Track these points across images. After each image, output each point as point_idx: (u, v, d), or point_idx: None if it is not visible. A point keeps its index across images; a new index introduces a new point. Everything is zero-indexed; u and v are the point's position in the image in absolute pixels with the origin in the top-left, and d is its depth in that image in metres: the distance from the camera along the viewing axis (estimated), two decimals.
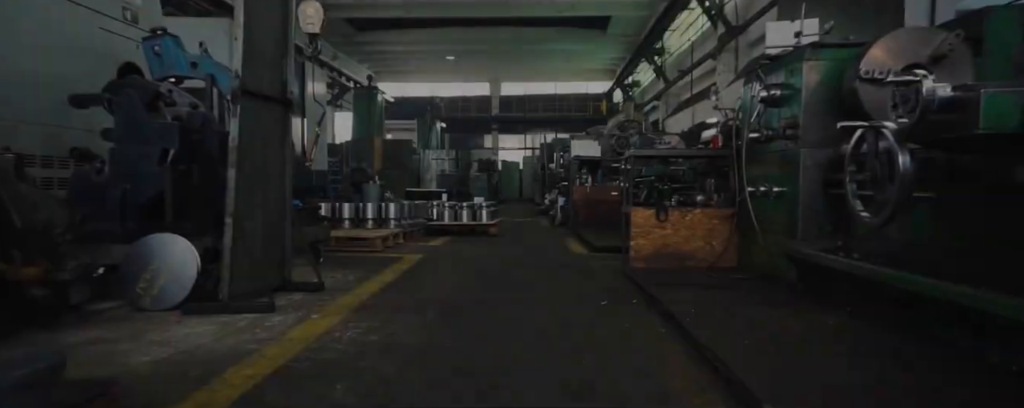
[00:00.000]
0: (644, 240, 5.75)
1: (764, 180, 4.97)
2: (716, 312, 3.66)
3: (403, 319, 3.73)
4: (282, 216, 4.54)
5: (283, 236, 4.55)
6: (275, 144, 4.43)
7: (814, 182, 4.36)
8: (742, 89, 5.71)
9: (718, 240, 5.71)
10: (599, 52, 29.33)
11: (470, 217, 10.08)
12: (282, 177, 4.54)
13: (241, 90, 3.83)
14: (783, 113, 4.71)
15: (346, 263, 6.14)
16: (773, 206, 4.84)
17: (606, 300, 4.37)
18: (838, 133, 4.27)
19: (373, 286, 4.87)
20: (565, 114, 34.53)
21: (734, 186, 5.69)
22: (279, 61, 4.45)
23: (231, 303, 3.76)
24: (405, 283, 5.08)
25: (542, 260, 6.69)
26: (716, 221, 5.72)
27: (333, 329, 3.47)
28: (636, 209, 5.78)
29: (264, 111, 4.24)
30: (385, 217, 8.48)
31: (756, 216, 4.98)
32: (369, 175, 18.91)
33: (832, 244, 4.23)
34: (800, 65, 4.42)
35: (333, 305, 4.11)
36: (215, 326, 3.47)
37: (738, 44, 15.60)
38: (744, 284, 4.65)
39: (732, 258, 5.68)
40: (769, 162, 4.96)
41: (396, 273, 5.56)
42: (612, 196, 11.02)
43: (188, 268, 3.84)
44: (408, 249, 7.50)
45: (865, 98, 3.87)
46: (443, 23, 24.99)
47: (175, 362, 2.81)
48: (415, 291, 4.71)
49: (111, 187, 4.12)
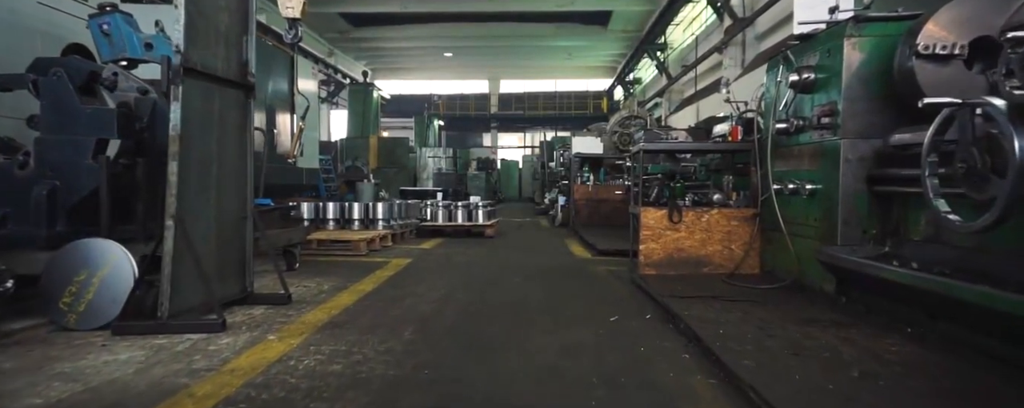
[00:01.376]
0: (655, 244, 5.15)
1: (793, 176, 4.38)
2: (749, 332, 3.07)
3: (376, 342, 3.13)
4: (242, 218, 3.94)
5: (243, 241, 3.95)
6: (233, 134, 3.83)
7: (856, 178, 3.76)
8: (764, 76, 5.11)
9: (738, 244, 5.11)
10: (600, 48, 28.74)
11: (465, 218, 9.48)
12: (242, 173, 3.94)
13: (184, 67, 3.23)
14: (817, 100, 4.12)
15: (324, 269, 5.55)
16: (805, 206, 4.24)
17: (616, 315, 3.77)
18: (885, 120, 3.70)
19: (348, 298, 4.26)
20: (565, 112, 33.96)
21: (756, 183, 5.11)
22: (238, 38, 3.85)
23: (171, 322, 3.16)
24: (385, 293, 4.48)
25: (541, 266, 6.10)
26: (735, 223, 5.13)
27: (289, 355, 2.87)
28: (646, 209, 5.19)
29: (218, 95, 3.64)
30: (373, 217, 7.88)
31: (783, 217, 4.39)
32: (364, 173, 18.38)
33: (878, 250, 3.64)
34: (839, 43, 3.82)
35: (297, 322, 3.51)
36: (146, 351, 2.87)
37: (745, 37, 15.02)
38: (773, 296, 4.05)
39: (754, 264, 5.08)
40: (800, 156, 4.36)
41: (377, 281, 4.96)
42: (615, 195, 10.46)
43: (123, 279, 3.24)
44: (396, 252, 6.89)
45: (924, 79, 3.27)
46: (441, 18, 24.37)
47: (72, 405, 2.21)
48: (395, 304, 4.11)
49: (36, 183, 3.51)
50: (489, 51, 29.28)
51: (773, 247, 4.80)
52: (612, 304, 4.13)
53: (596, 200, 10.70)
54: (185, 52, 3.23)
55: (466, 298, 4.35)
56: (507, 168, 28.60)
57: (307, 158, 11.97)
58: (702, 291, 4.18)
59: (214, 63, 3.58)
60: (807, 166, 4.24)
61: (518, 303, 4.24)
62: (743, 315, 3.44)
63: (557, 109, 34.33)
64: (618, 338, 3.27)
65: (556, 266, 6.06)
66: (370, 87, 25.30)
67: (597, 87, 34.14)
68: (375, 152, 20.94)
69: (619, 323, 3.59)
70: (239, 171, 3.91)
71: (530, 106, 34.76)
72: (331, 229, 7.67)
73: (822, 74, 4.07)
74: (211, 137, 3.61)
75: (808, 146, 4.23)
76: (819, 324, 3.23)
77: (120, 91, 4.13)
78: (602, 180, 11.24)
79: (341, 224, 7.86)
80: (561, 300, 4.37)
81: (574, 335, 3.32)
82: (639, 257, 5.15)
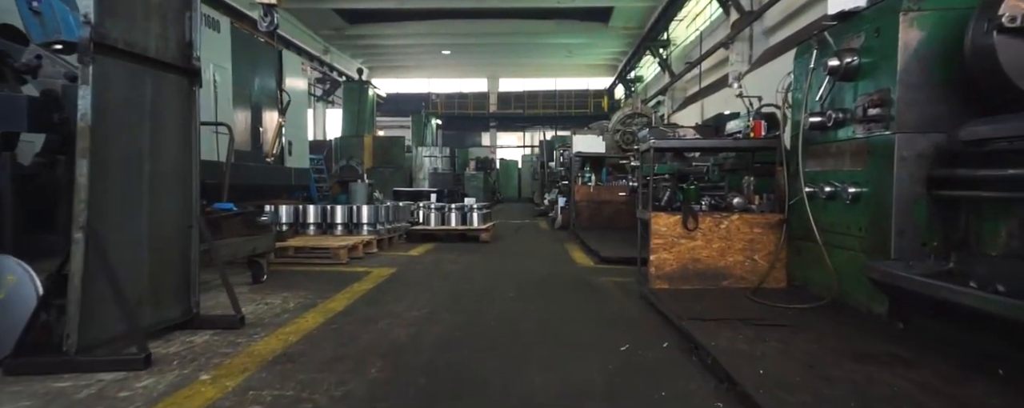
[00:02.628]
0: (667, 254, 4.55)
1: (831, 178, 3.78)
2: (796, 372, 2.46)
3: (333, 383, 2.52)
4: (186, 226, 3.33)
5: (187, 254, 3.34)
6: (172, 128, 3.23)
7: (914, 180, 3.16)
8: (792, 63, 4.51)
9: (762, 254, 4.51)
10: (600, 46, 28.18)
11: (459, 221, 8.88)
12: (185, 173, 3.34)
13: (97, 43, 2.62)
14: (862, 88, 3.51)
15: (296, 281, 4.94)
16: (846, 212, 3.64)
17: (627, 343, 3.16)
18: (951, 110, 3.10)
19: (314, 319, 3.66)
20: (565, 111, 33.38)
21: (782, 185, 4.51)
22: (178, 14, 3.24)
23: (80, 358, 2.56)
24: (358, 312, 3.88)
25: (540, 276, 5.50)
26: (759, 230, 4.52)
27: (218, 405, 2.26)
28: (657, 215, 4.58)
29: (151, 80, 3.04)
30: (358, 221, 7.26)
31: (818, 225, 3.79)
32: (358, 173, 17.76)
33: (940, 266, 3.04)
34: (892, 20, 3.22)
35: (242, 354, 2.91)
36: (34, 401, 2.26)
37: (752, 32, 14.42)
38: (810, 318, 3.44)
39: (780, 277, 4.48)
40: (839, 154, 3.76)
41: (352, 296, 4.36)
42: (619, 197, 9.85)
43: (21, 304, 2.64)
44: (380, 261, 6.28)
45: (1008, 58, 2.67)
46: (438, 15, 23.81)
47: None
48: (367, 327, 3.51)
49: None
50: (488, 49, 28.72)
51: (804, 258, 4.20)
52: (621, 327, 3.53)
53: (598, 201, 10.11)
54: (99, 25, 2.62)
55: (451, 319, 3.75)
56: (506, 168, 28.02)
57: (297, 157, 11.35)
58: (727, 312, 3.58)
59: (144, 41, 2.97)
60: (849, 165, 3.64)
61: (512, 325, 3.63)
62: (783, 346, 2.84)
63: (557, 108, 33.75)
64: (632, 377, 2.66)
65: (556, 276, 5.45)
66: (365, 84, 24.67)
67: (597, 86, 33.61)
68: (370, 151, 20.34)
69: (632, 355, 2.99)
70: (181, 172, 3.30)
71: (529, 105, 34.19)
72: (312, 235, 7.06)
73: (869, 58, 3.47)
74: (142, 131, 3.01)
75: (850, 142, 3.62)
76: (878, 360, 2.62)
77: (46, 77, 3.53)
78: (604, 180, 10.65)
79: (323, 229, 7.25)
80: (562, 322, 3.77)
81: (578, 372, 2.71)
82: (649, 268, 4.56)
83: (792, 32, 12.52)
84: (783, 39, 12.81)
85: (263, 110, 9.44)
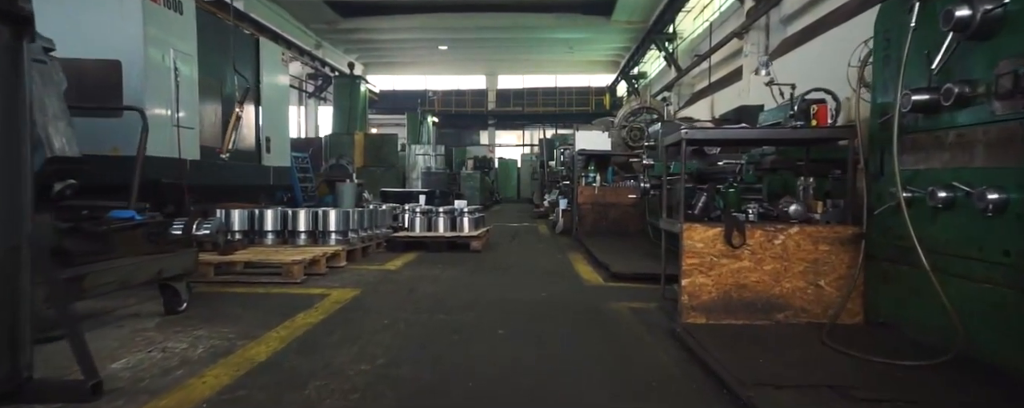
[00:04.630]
0: (705, 277, 3.47)
1: (946, 177, 2.70)
2: None
3: None
4: (9, 249, 2.24)
5: (12, 291, 2.25)
6: None
7: None
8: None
9: (830, 278, 3.43)
10: (602, 41, 27.18)
11: (447, 227, 7.79)
12: (13, 169, 2.24)
13: None
14: (1006, 48, 2.42)
15: (227, 310, 3.85)
16: (974, 226, 2.55)
17: None
18: None
19: (214, 380, 2.56)
20: (566, 109, 32.35)
21: (860, 188, 3.43)
22: None
23: None
24: (285, 365, 2.78)
25: (538, 303, 4.40)
26: (826, 247, 3.44)
27: None
28: (692, 226, 3.50)
29: None
30: (324, 229, 6.16)
31: (922, 243, 2.70)
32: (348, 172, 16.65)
33: None
34: None
35: None
36: None
37: (769, 20, 13.34)
38: (935, 383, 2.35)
39: (855, 309, 3.40)
40: (962, 145, 2.67)
41: (286, 337, 3.25)
42: (627, 199, 8.77)
43: None
44: (343, 278, 5.17)
45: None
46: (435, 8, 22.81)
47: None
48: (288, 395, 2.41)
49: None
50: (486, 44, 27.72)
51: (894, 287, 3.11)
52: (655, 400, 2.43)
53: (603, 204, 9.05)
54: None
55: (412, 376, 2.65)
56: (505, 167, 26.99)
57: (277, 155, 10.24)
58: (808, 372, 2.49)
59: None
60: (981, 161, 2.55)
61: (496, 390, 2.54)
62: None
63: (557, 106, 32.71)
64: None
65: (558, 303, 4.35)
66: (357, 80, 23.63)
67: (599, 83, 32.63)
68: (361, 149, 19.27)
69: None
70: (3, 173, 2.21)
71: (529, 102, 33.15)
72: (268, 245, 5.96)
73: (1018, 5, 2.37)
74: None
75: (984, 128, 2.53)
76: None
77: None
78: (610, 180, 9.58)
79: (284, 238, 6.15)
80: (566, 383, 2.66)
81: None
82: (681, 296, 3.47)
83: (814, 20, 11.43)
84: (804, 27, 11.73)
85: (242, 103, 8.41)
